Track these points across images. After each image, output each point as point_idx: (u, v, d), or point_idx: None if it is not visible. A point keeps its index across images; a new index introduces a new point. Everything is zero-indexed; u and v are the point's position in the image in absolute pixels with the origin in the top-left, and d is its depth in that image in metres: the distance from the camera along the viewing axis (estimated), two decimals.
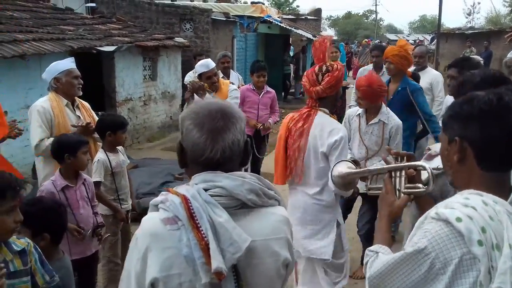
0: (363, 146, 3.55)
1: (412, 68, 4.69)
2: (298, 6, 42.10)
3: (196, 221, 1.15)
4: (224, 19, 11.08)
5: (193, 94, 4.07)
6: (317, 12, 21.95)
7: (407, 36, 39.56)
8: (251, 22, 12.92)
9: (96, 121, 3.46)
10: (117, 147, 3.42)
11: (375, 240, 1.50)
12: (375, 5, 56.14)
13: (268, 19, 13.03)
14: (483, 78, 1.99)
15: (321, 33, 18.36)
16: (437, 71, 5.62)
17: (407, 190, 1.51)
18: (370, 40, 27.30)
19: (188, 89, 4.19)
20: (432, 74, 5.15)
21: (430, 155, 2.09)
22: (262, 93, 5.33)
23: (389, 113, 3.53)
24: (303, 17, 20.13)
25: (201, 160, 1.23)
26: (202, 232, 1.15)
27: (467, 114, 1.25)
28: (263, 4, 15.01)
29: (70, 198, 2.83)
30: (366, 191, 1.83)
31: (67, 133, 3.20)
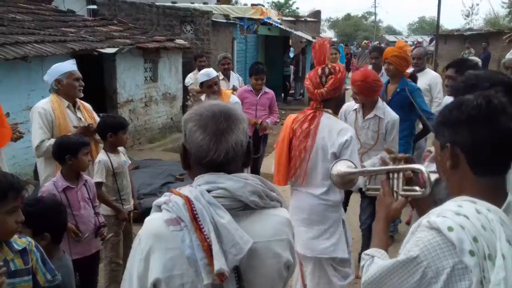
0: (357, 141, 3.55)
1: (410, 70, 4.71)
2: (297, 8, 42.10)
3: (199, 222, 1.16)
4: (225, 21, 11.09)
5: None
6: (317, 14, 21.96)
7: (406, 38, 39.50)
8: (251, 24, 12.94)
9: (97, 122, 3.48)
10: (118, 148, 3.44)
11: (372, 242, 1.50)
12: (374, 6, 56.23)
13: (268, 21, 13.05)
14: (488, 79, 1.97)
15: (320, 35, 18.38)
16: (436, 72, 5.63)
17: (404, 193, 1.50)
18: (370, 41, 27.33)
19: (189, 95, 4.24)
20: (430, 75, 5.17)
21: (433, 158, 2.09)
22: (260, 94, 5.34)
23: (385, 108, 3.53)
24: (303, 19, 20.08)
25: (204, 162, 1.23)
26: (204, 233, 1.15)
27: (456, 120, 1.24)
28: (263, 6, 15.01)
29: (71, 199, 2.84)
30: (364, 190, 1.84)
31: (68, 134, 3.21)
